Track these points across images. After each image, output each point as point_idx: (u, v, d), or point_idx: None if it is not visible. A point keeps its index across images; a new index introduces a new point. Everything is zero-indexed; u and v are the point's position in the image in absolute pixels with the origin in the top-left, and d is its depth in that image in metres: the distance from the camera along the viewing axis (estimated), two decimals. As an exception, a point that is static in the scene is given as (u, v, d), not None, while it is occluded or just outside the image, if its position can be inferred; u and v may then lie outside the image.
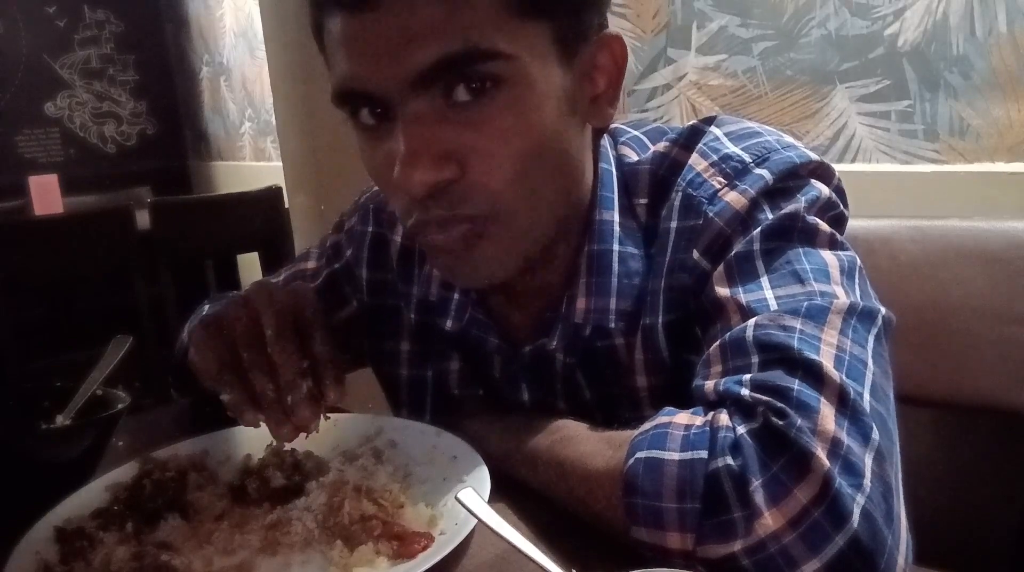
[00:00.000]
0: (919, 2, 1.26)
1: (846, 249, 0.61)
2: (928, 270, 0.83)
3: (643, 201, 0.67)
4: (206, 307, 0.88)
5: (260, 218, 2.87)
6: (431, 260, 0.67)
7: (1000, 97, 1.20)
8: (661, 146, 0.68)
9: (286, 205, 2.88)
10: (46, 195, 3.21)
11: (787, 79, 1.47)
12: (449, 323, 0.74)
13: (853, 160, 1.39)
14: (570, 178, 0.64)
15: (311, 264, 0.88)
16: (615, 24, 1.75)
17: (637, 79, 1.73)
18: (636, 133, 0.71)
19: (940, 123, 1.27)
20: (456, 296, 0.73)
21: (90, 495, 0.63)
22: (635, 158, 0.69)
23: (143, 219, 2.80)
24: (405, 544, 0.54)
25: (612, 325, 0.67)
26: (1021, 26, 1.15)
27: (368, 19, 0.55)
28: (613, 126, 0.72)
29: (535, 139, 0.58)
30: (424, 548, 0.53)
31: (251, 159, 3.74)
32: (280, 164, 2.29)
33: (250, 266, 3.28)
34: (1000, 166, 1.22)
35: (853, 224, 0.66)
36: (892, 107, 1.32)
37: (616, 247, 0.66)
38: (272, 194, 2.85)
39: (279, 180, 2.87)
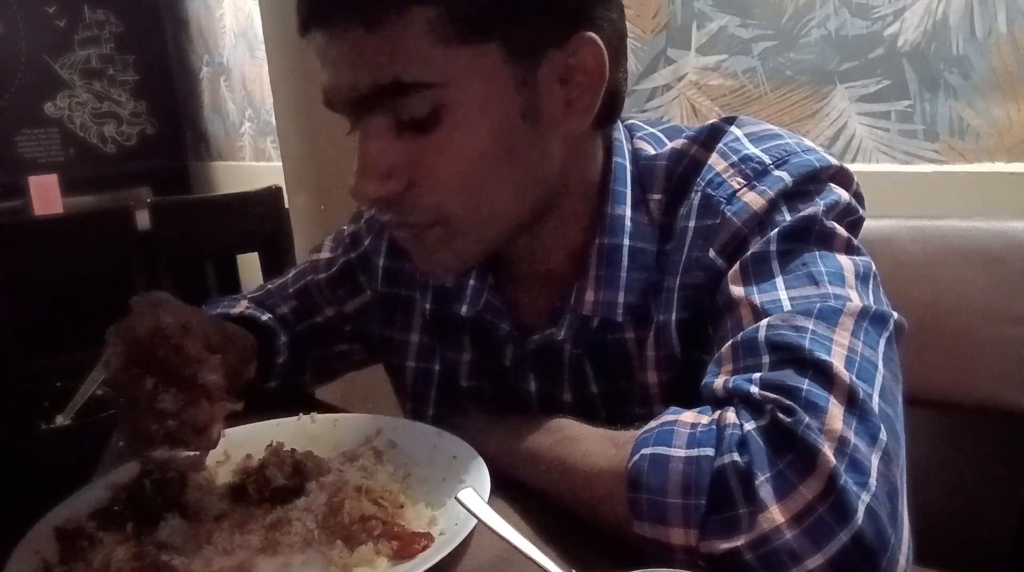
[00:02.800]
0: (919, 2, 1.26)
1: (862, 254, 0.61)
2: (928, 270, 0.83)
3: (657, 197, 0.68)
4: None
5: (260, 218, 2.87)
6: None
7: (1000, 97, 1.19)
8: (679, 143, 0.68)
9: (286, 205, 2.88)
10: (46, 195, 3.21)
11: (787, 79, 1.47)
12: (464, 308, 0.74)
13: (853, 160, 1.39)
14: (528, 186, 0.64)
15: (325, 254, 0.89)
16: (615, 24, 1.76)
17: (637, 79, 1.73)
18: (653, 130, 0.71)
19: (940, 123, 1.27)
20: (472, 282, 0.74)
21: (90, 495, 0.63)
22: (652, 153, 0.69)
23: (143, 219, 2.80)
24: (405, 544, 0.54)
25: (619, 319, 0.67)
26: (1021, 26, 1.15)
27: (322, 42, 0.59)
28: (629, 121, 0.72)
29: (479, 157, 0.60)
30: (424, 548, 0.53)
31: (251, 159, 3.74)
32: (280, 164, 2.29)
33: (250, 266, 3.28)
34: (1000, 166, 1.22)
35: (854, 224, 0.66)
36: (892, 107, 1.32)
37: (627, 242, 0.67)
38: (272, 194, 2.85)
39: (279, 180, 2.86)
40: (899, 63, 1.30)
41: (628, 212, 0.67)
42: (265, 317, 0.86)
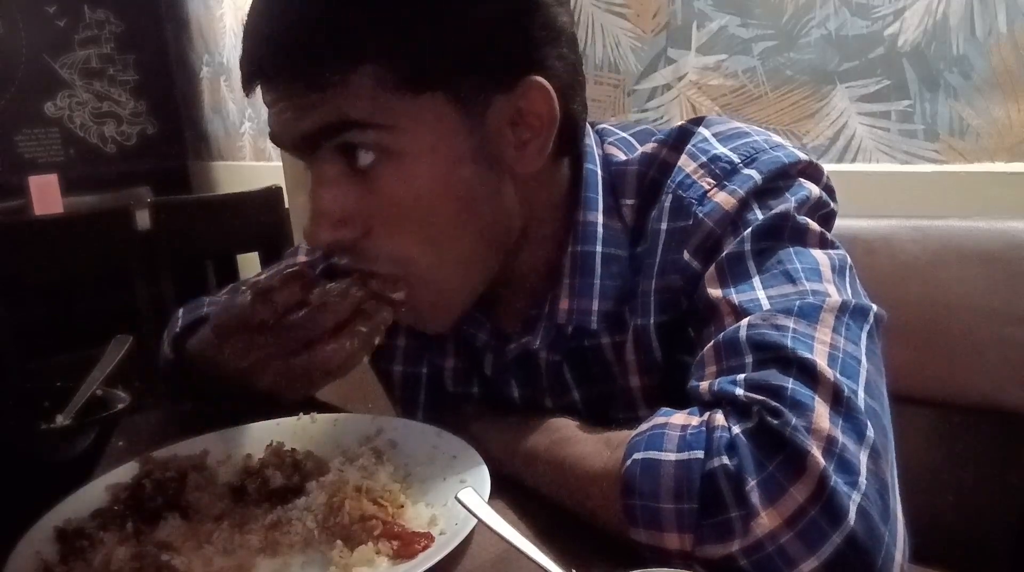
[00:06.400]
0: (919, 2, 1.26)
1: (836, 247, 0.61)
2: (928, 270, 0.83)
3: (630, 202, 0.67)
4: (180, 312, 0.88)
5: (260, 218, 2.86)
6: None
7: (1000, 97, 1.20)
8: (649, 147, 0.68)
9: (286, 205, 2.88)
10: (46, 195, 3.21)
11: (787, 79, 1.47)
12: None
13: (853, 160, 1.40)
14: (490, 231, 0.64)
15: (302, 258, 0.88)
16: (615, 24, 1.76)
17: (637, 79, 1.73)
18: (624, 134, 0.71)
19: (940, 123, 1.27)
20: None
21: (90, 495, 0.62)
22: (623, 158, 0.69)
23: (143, 219, 2.79)
24: (405, 544, 0.54)
25: (594, 326, 0.67)
26: (1021, 26, 1.15)
27: (267, 87, 0.59)
28: (600, 126, 0.72)
29: (432, 203, 0.60)
30: (424, 548, 0.53)
31: (251, 159, 3.74)
32: (280, 164, 2.29)
33: (250, 266, 3.28)
34: (1000, 166, 1.22)
35: (853, 224, 0.66)
36: (892, 107, 1.33)
37: (599, 249, 0.66)
38: (272, 194, 2.85)
39: (279, 180, 2.87)
40: (899, 63, 1.30)
41: (600, 218, 0.67)
42: None
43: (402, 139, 0.58)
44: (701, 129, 0.66)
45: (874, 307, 0.57)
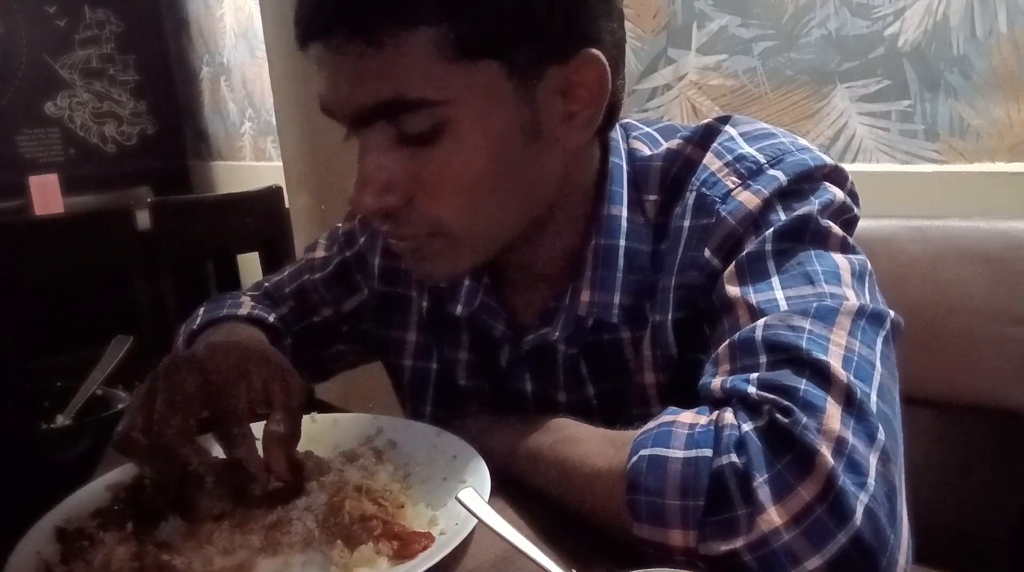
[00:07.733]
0: (919, 2, 1.26)
1: (857, 253, 0.61)
2: (928, 270, 0.83)
3: (653, 197, 0.68)
4: (201, 310, 0.88)
5: (260, 218, 2.86)
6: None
7: (1000, 97, 1.20)
8: (674, 143, 0.68)
9: (286, 205, 2.87)
10: (46, 195, 3.21)
11: (787, 79, 1.47)
12: (459, 308, 0.74)
13: (853, 160, 1.40)
14: (526, 199, 0.64)
15: (320, 253, 0.89)
16: (615, 24, 1.76)
17: (637, 79, 1.73)
18: (648, 129, 0.71)
19: (940, 123, 1.27)
20: (467, 282, 0.74)
21: (90, 495, 0.63)
22: (647, 153, 0.69)
23: (143, 219, 2.79)
24: (405, 544, 0.54)
25: (615, 320, 0.67)
26: (1021, 26, 1.16)
27: (322, 54, 0.58)
28: (625, 121, 0.72)
29: (479, 173, 0.60)
30: (424, 548, 0.54)
31: (251, 159, 3.74)
32: (280, 164, 2.29)
33: (250, 266, 3.28)
34: (1000, 166, 1.22)
35: (854, 224, 0.66)
36: (892, 107, 1.33)
37: (623, 243, 0.67)
38: (272, 194, 2.85)
39: (279, 180, 2.86)
40: (899, 63, 1.30)
41: (624, 213, 0.67)
42: (272, 317, 0.86)
43: (456, 110, 0.57)
44: (728, 127, 0.66)
45: (891, 313, 0.56)
